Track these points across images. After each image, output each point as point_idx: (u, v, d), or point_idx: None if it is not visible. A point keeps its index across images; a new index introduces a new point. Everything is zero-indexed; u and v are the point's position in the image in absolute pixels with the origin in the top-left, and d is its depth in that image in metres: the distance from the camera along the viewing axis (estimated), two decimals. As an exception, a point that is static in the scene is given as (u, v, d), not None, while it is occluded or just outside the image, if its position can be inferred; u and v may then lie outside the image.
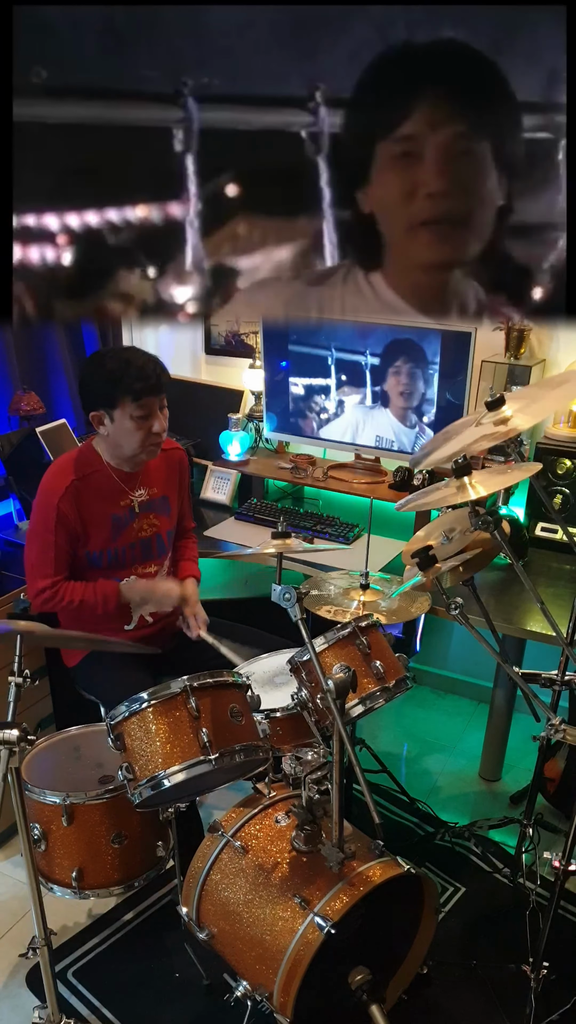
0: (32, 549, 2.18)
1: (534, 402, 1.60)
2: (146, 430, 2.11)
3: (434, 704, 3.24)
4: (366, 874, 1.66)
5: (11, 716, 1.60)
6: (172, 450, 2.36)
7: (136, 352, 2.11)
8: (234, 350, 3.26)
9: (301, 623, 1.64)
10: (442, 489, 1.66)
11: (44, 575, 2.14)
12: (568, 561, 2.50)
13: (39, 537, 2.16)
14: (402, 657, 1.97)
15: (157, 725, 1.71)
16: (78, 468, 2.17)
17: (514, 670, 1.70)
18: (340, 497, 2.95)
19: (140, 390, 2.05)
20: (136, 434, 2.11)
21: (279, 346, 2.89)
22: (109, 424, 2.11)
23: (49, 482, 2.15)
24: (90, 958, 2.15)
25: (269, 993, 1.64)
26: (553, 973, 1.78)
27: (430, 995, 1.98)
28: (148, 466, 2.26)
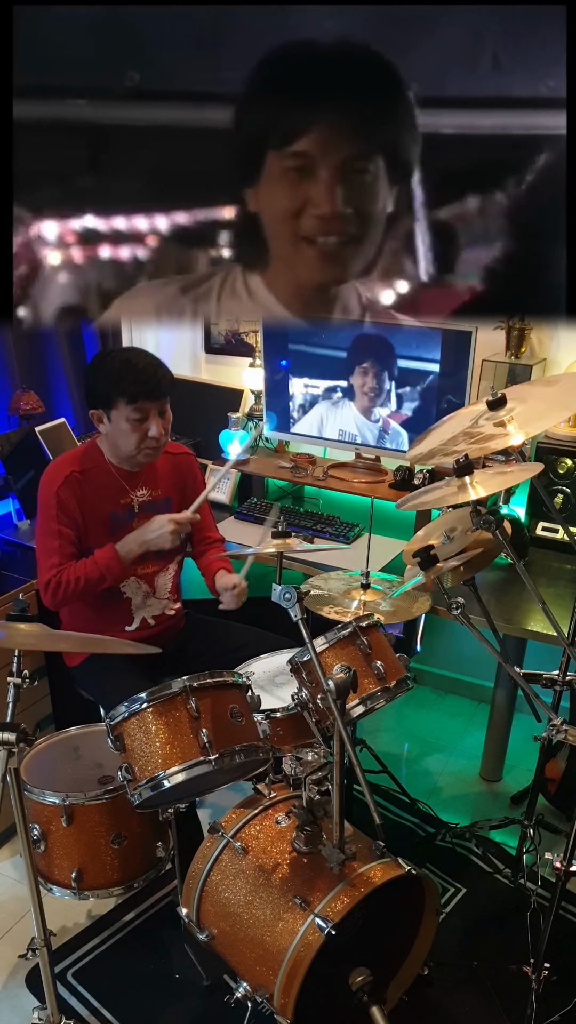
0: (38, 543, 2.17)
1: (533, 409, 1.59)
2: (141, 433, 2.10)
3: (435, 704, 3.24)
4: (367, 875, 1.65)
5: (10, 717, 1.59)
6: (181, 454, 2.35)
7: (140, 354, 2.10)
8: (234, 349, 3.25)
9: (301, 623, 1.63)
10: (443, 488, 1.65)
11: (50, 566, 2.12)
12: (569, 561, 2.50)
13: (42, 528, 2.15)
14: (403, 657, 1.97)
15: (157, 725, 1.70)
16: (79, 462, 2.17)
17: (515, 670, 1.69)
18: (340, 496, 2.95)
19: (135, 393, 2.04)
20: (131, 436, 2.10)
21: (279, 345, 2.88)
22: (107, 423, 2.11)
23: (50, 473, 2.16)
24: (90, 959, 2.15)
25: (269, 994, 1.63)
26: (554, 974, 1.77)
27: (431, 996, 1.98)
28: (153, 467, 2.26)
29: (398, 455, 2.79)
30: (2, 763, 1.56)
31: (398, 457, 2.79)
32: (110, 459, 2.20)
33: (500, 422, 1.57)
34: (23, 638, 1.63)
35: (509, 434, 1.53)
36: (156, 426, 2.10)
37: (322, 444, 2.99)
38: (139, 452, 2.13)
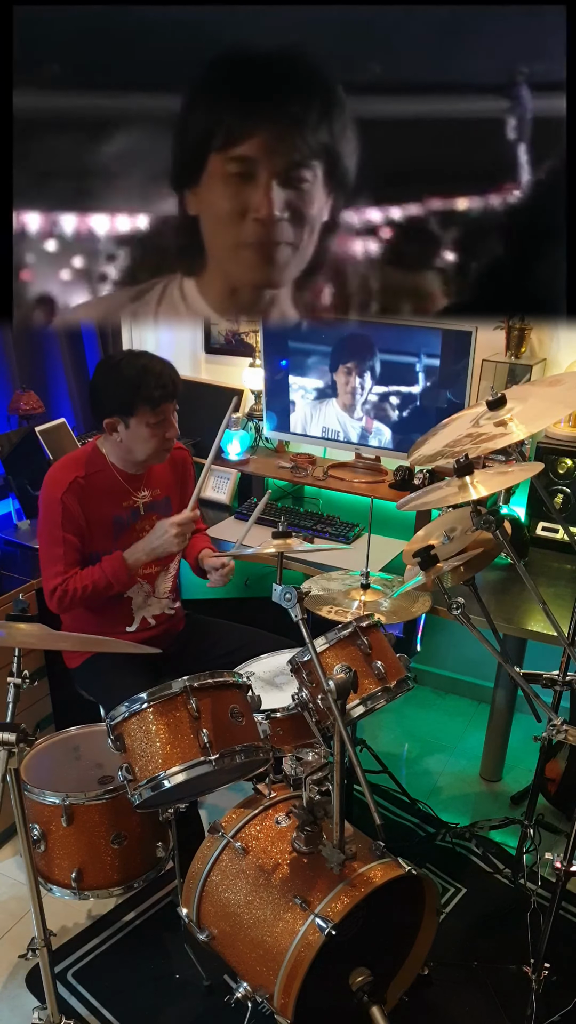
0: (41, 550, 2.17)
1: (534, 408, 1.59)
2: (160, 436, 2.11)
3: (435, 704, 3.24)
4: (367, 875, 1.65)
5: (10, 717, 1.59)
6: (175, 450, 2.36)
7: (152, 358, 2.10)
8: (234, 349, 3.25)
9: (302, 623, 1.63)
10: (443, 488, 1.65)
11: (55, 573, 2.13)
12: (569, 561, 2.50)
13: (46, 535, 2.15)
14: (403, 657, 1.96)
15: (157, 726, 1.70)
16: (82, 466, 2.17)
17: (515, 670, 1.69)
18: (340, 496, 2.95)
19: (159, 397, 2.05)
20: (151, 441, 2.10)
21: (279, 345, 2.88)
22: (123, 431, 2.10)
23: (52, 478, 2.15)
24: (90, 959, 2.15)
25: (270, 994, 1.63)
26: (554, 974, 1.77)
27: (431, 996, 1.98)
28: (153, 467, 2.26)
29: (398, 455, 2.79)
30: (2, 763, 1.56)
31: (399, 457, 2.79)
32: (113, 462, 2.19)
33: (501, 421, 1.57)
34: (23, 638, 1.63)
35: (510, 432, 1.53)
36: (173, 428, 2.12)
37: (322, 444, 2.99)
38: (156, 455, 2.14)
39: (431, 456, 1.66)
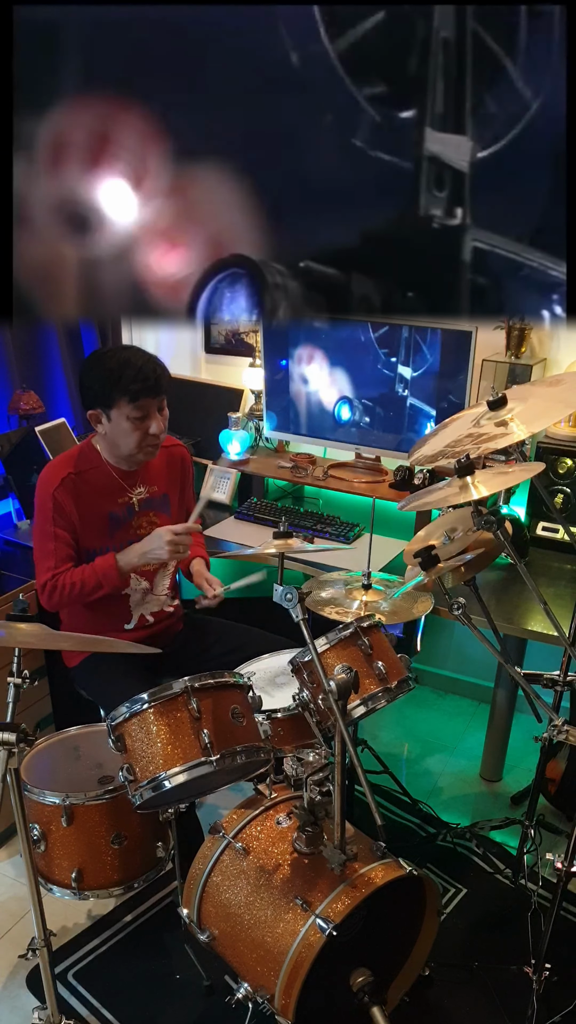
0: (36, 545, 2.18)
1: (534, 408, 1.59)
2: (143, 431, 2.10)
3: (435, 704, 3.24)
4: (368, 876, 1.65)
5: (10, 717, 1.59)
6: (173, 447, 2.35)
7: (136, 352, 2.10)
8: (234, 349, 3.25)
9: (303, 623, 1.63)
10: (444, 489, 1.65)
11: (46, 568, 2.13)
12: (569, 561, 2.49)
13: (39, 530, 2.15)
14: (404, 658, 1.96)
15: (158, 726, 1.70)
16: (76, 463, 2.17)
17: (516, 670, 1.69)
18: (340, 496, 2.94)
19: (137, 391, 2.04)
20: (132, 435, 2.10)
21: (279, 345, 2.88)
22: (106, 423, 2.10)
23: (46, 475, 2.15)
24: (90, 959, 2.15)
25: (270, 995, 1.63)
26: (555, 975, 1.77)
27: (432, 996, 1.98)
28: (149, 464, 2.25)
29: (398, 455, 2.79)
30: (2, 763, 1.56)
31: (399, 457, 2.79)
32: (107, 459, 2.19)
33: (501, 421, 1.57)
34: (23, 638, 1.63)
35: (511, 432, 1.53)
36: (156, 423, 2.10)
37: (322, 444, 2.99)
38: (140, 450, 2.13)
39: (432, 456, 1.66)
